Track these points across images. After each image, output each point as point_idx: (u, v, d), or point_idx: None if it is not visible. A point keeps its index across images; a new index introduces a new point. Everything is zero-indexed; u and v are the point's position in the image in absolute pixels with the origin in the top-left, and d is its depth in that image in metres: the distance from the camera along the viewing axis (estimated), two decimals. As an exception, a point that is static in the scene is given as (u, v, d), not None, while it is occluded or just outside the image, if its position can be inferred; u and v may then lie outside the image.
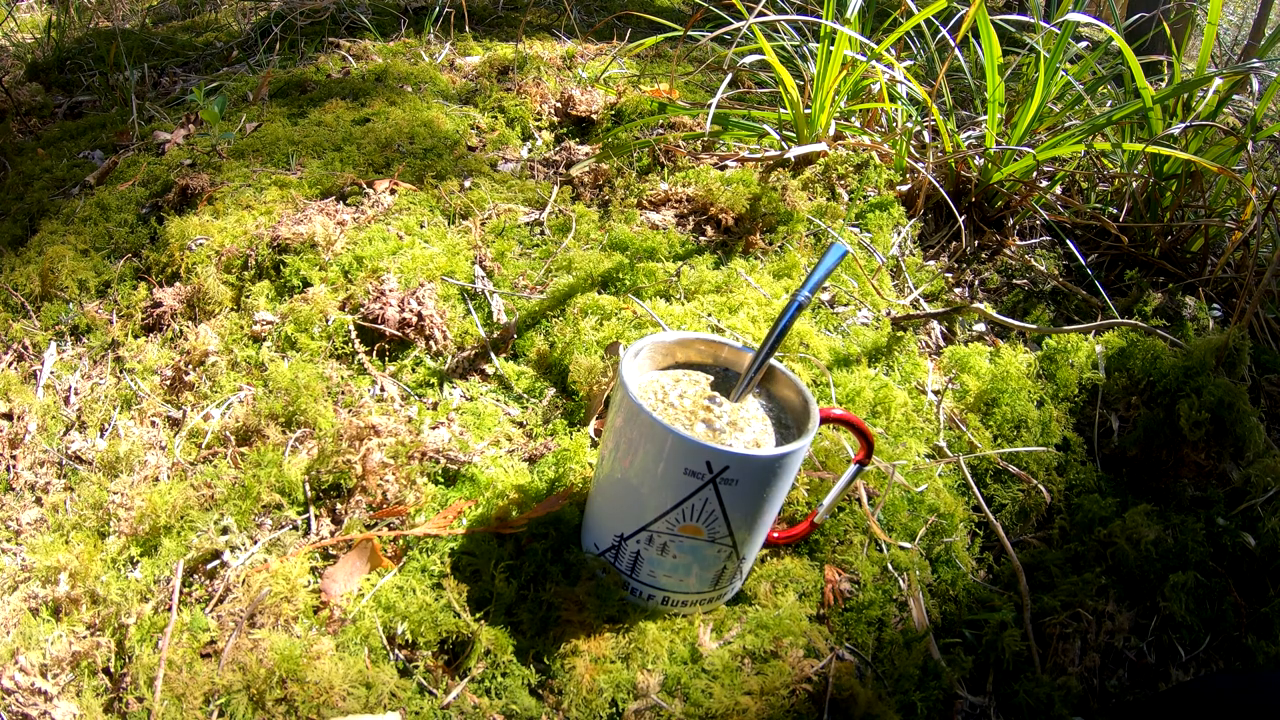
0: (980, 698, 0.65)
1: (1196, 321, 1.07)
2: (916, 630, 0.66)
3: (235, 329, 0.91)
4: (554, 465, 0.73)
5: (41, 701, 0.58)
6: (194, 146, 1.26)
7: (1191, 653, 0.72)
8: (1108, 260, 1.22)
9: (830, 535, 0.71)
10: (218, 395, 0.83)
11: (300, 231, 0.96)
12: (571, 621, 0.61)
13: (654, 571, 0.61)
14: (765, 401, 0.62)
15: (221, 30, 1.98)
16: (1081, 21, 1.20)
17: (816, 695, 0.59)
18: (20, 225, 1.20)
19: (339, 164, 1.16)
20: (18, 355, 0.98)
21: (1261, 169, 1.46)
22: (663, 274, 0.98)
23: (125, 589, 0.65)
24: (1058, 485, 0.82)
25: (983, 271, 1.16)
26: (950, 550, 0.73)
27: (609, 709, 0.57)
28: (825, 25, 1.13)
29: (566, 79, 1.53)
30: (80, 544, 0.71)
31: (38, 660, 0.61)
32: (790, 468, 0.57)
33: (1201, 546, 0.76)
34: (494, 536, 0.66)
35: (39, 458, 0.84)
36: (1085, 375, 0.91)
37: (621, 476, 0.59)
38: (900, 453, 0.79)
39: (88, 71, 1.73)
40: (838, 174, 1.18)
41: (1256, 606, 0.75)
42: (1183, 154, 1.09)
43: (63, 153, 1.39)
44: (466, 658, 0.59)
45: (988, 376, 0.90)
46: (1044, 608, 0.71)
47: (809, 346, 0.90)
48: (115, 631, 0.63)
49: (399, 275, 0.91)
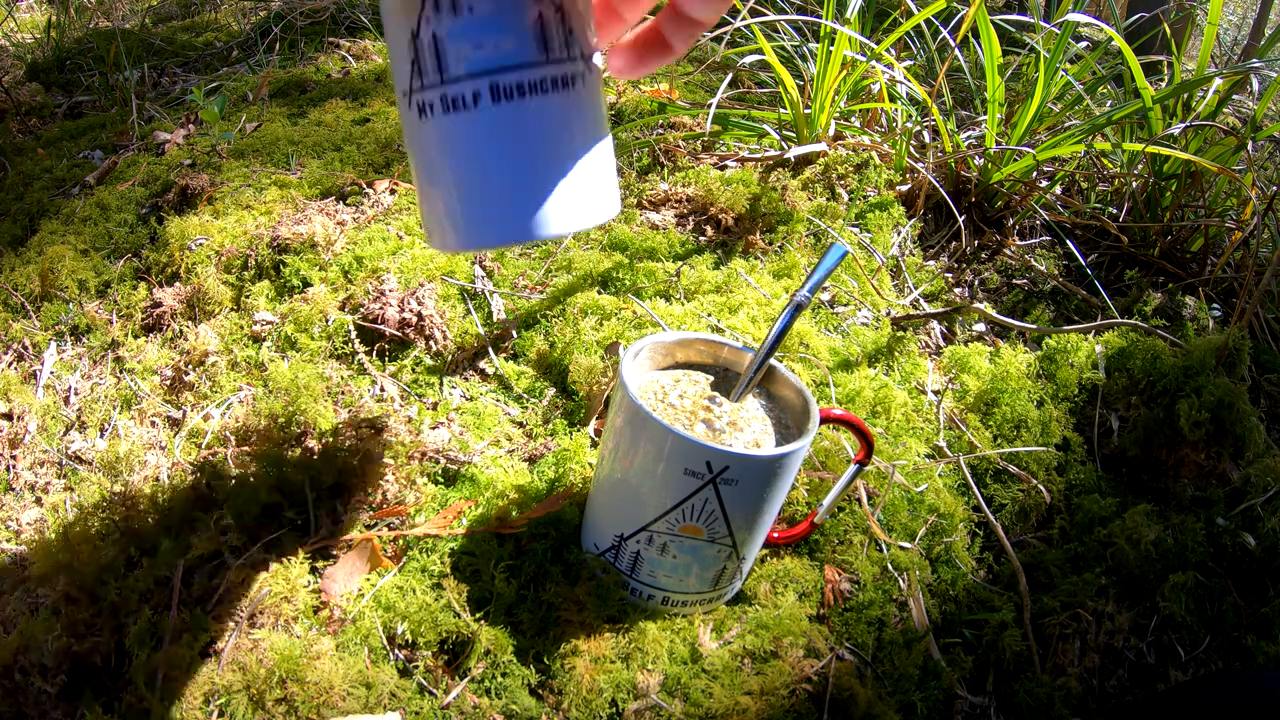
0: (980, 698, 0.65)
1: (1196, 321, 1.07)
2: (916, 630, 0.66)
3: (235, 329, 0.91)
4: (554, 465, 0.73)
5: (42, 701, 0.58)
6: (194, 146, 1.26)
7: (1191, 653, 0.72)
8: (1108, 260, 1.22)
9: (830, 535, 0.71)
10: (218, 395, 0.83)
11: (300, 231, 0.96)
12: (571, 621, 0.61)
13: (654, 571, 0.61)
14: (765, 402, 0.62)
15: (221, 30, 1.98)
16: (1081, 21, 1.20)
17: (816, 695, 0.59)
18: (20, 225, 1.20)
19: (339, 164, 1.16)
20: (18, 355, 0.98)
21: (1261, 169, 1.46)
22: (663, 274, 0.98)
23: (125, 589, 0.65)
24: (1058, 485, 0.82)
25: (983, 271, 1.16)
26: (950, 550, 0.73)
27: (609, 709, 0.57)
28: (825, 25, 1.13)
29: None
30: (80, 544, 0.71)
31: (38, 660, 0.61)
32: (790, 468, 0.57)
33: (1201, 546, 0.76)
34: (494, 536, 0.66)
35: (39, 458, 0.84)
36: (1085, 375, 0.91)
37: (621, 477, 0.59)
38: (900, 453, 0.79)
39: (88, 71, 1.73)
40: (838, 174, 1.18)
41: (1256, 607, 0.75)
42: (1183, 154, 1.09)
43: (63, 153, 1.39)
44: (466, 658, 0.59)
45: (988, 376, 0.90)
46: (1044, 608, 0.71)
47: (809, 346, 0.90)
48: (115, 631, 0.63)
49: (399, 275, 0.91)
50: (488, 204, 0.45)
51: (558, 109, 0.45)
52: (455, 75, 0.43)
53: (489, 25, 0.43)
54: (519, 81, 0.43)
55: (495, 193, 0.44)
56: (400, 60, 0.44)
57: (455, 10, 0.42)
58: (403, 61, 0.44)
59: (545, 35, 0.44)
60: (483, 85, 0.43)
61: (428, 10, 0.43)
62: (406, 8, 0.43)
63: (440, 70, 0.43)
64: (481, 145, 0.44)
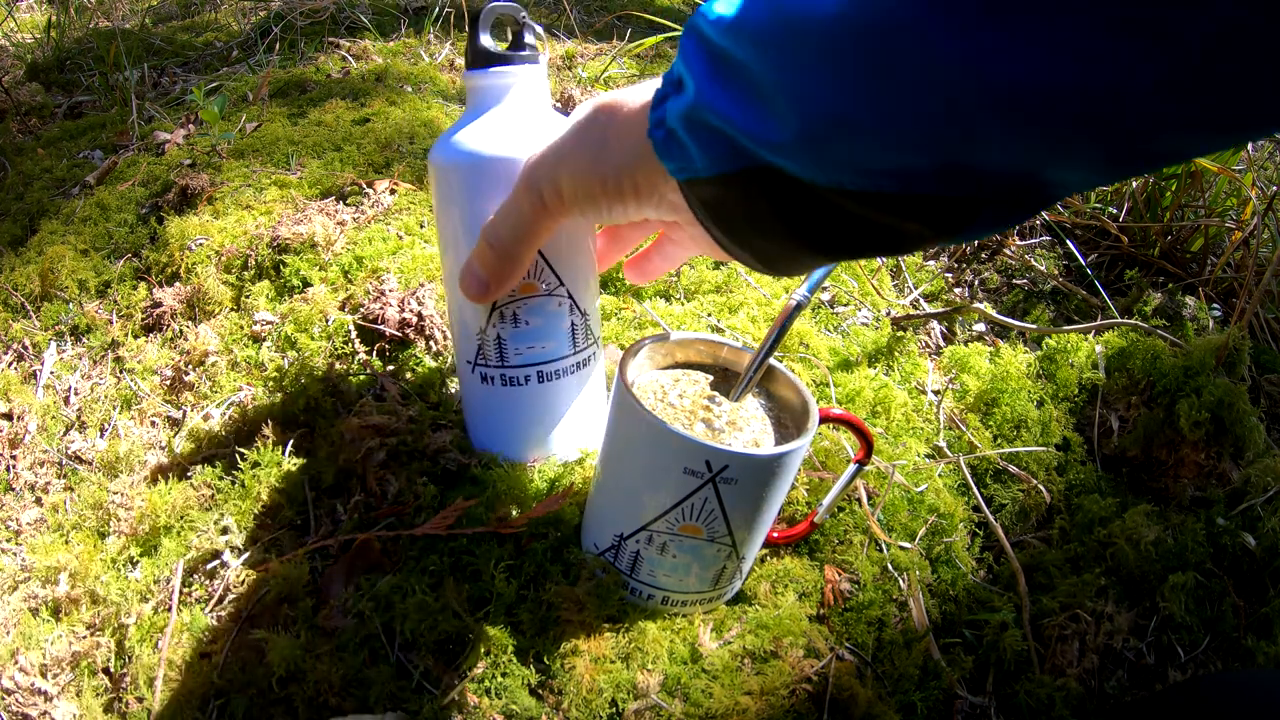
0: (980, 698, 0.65)
1: (1196, 321, 1.07)
2: (916, 630, 0.66)
3: (235, 329, 0.91)
4: (554, 465, 0.73)
5: (41, 701, 0.58)
6: (194, 146, 1.26)
7: (1191, 653, 0.72)
8: (1108, 260, 1.22)
9: (830, 535, 0.71)
10: (218, 395, 0.83)
11: (300, 231, 0.96)
12: (571, 621, 0.61)
13: (654, 571, 0.61)
14: (765, 401, 0.62)
15: (221, 30, 1.98)
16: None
17: (816, 695, 0.59)
18: (20, 225, 1.20)
19: (339, 164, 1.16)
20: (18, 355, 0.98)
21: (1261, 169, 1.46)
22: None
23: (125, 589, 0.65)
24: (1058, 485, 0.82)
25: (982, 271, 1.16)
26: (950, 550, 0.73)
27: (609, 709, 0.57)
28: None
29: (566, 79, 1.53)
30: (80, 544, 0.71)
31: (38, 660, 0.61)
32: (790, 467, 0.57)
33: (1201, 546, 0.76)
34: (494, 536, 0.66)
35: (39, 458, 0.84)
36: (1085, 375, 0.91)
37: (621, 476, 0.59)
38: (900, 453, 0.79)
39: (88, 71, 1.73)
40: (838, 174, 1.18)
41: (1256, 607, 0.75)
42: (1183, 154, 1.09)
43: (63, 153, 1.39)
44: (466, 658, 0.59)
45: (988, 376, 0.90)
46: (1043, 608, 0.71)
47: (809, 346, 0.90)
48: (115, 631, 0.63)
49: (399, 275, 0.91)
50: (529, 441, 0.69)
51: (578, 382, 0.67)
52: (513, 363, 0.64)
53: (539, 334, 0.63)
54: (556, 369, 0.65)
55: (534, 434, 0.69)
56: (467, 340, 0.65)
57: (516, 324, 0.63)
58: (469, 342, 0.65)
59: (574, 336, 0.65)
60: (532, 372, 0.65)
61: (494, 319, 0.62)
62: (476, 316, 0.62)
63: (501, 358, 0.64)
64: (529, 405, 0.67)
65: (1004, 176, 0.32)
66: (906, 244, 0.38)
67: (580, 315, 0.65)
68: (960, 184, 0.32)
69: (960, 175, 0.32)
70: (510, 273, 0.56)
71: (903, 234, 0.36)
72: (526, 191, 0.51)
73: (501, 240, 0.54)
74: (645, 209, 0.47)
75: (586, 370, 0.68)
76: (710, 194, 0.40)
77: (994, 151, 0.30)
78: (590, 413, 0.71)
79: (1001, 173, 0.31)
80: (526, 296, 0.62)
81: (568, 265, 0.62)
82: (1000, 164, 0.31)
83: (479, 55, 0.58)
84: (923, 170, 0.32)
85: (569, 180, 0.48)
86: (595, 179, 0.47)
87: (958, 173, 0.32)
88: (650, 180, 0.45)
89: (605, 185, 0.46)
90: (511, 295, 0.61)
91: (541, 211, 0.51)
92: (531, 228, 0.52)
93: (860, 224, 0.36)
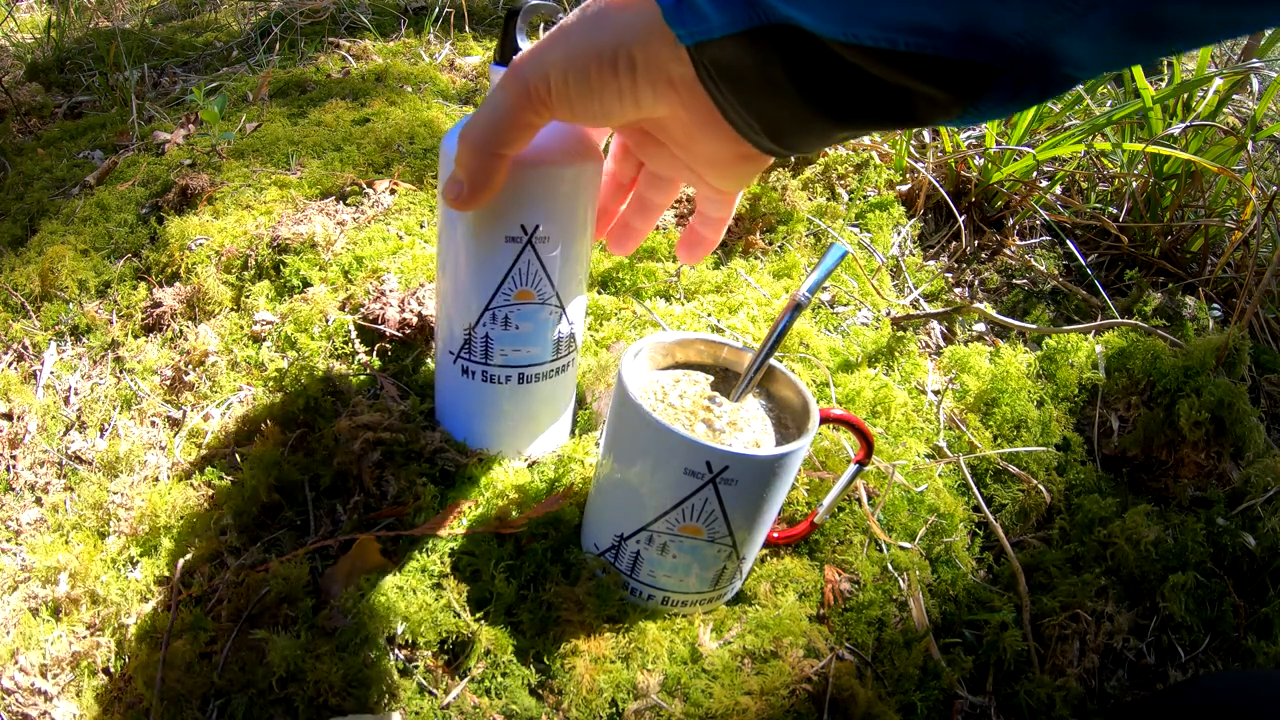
0: (980, 698, 0.65)
1: (1196, 321, 1.07)
2: (916, 630, 0.66)
3: (235, 329, 0.91)
4: (554, 465, 0.73)
5: (41, 701, 0.58)
6: (194, 146, 1.26)
7: (1191, 653, 0.72)
8: (1108, 260, 1.22)
9: (830, 535, 0.71)
10: (218, 395, 0.83)
11: (300, 231, 0.96)
12: (571, 621, 0.61)
13: (654, 571, 0.61)
14: (765, 401, 0.62)
15: (221, 30, 1.98)
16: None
17: (816, 695, 0.59)
18: (20, 225, 1.20)
19: (339, 164, 1.16)
20: (18, 355, 0.98)
21: (1261, 169, 1.46)
22: (662, 274, 0.98)
23: (125, 589, 0.65)
24: (1058, 485, 0.82)
25: (983, 271, 1.16)
26: (950, 550, 0.73)
27: (609, 709, 0.57)
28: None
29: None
30: (80, 544, 0.71)
31: (38, 660, 0.61)
32: (790, 467, 0.57)
33: (1201, 547, 0.76)
34: (494, 536, 0.66)
35: (39, 458, 0.84)
36: (1085, 375, 0.91)
37: (621, 476, 0.59)
38: (900, 453, 0.79)
39: (88, 71, 1.73)
40: (838, 174, 1.18)
41: (1256, 607, 0.75)
42: (1183, 154, 1.09)
43: (63, 153, 1.39)
44: (466, 658, 0.59)
45: (988, 376, 0.90)
46: (1043, 608, 0.71)
47: (809, 346, 0.90)
48: (115, 631, 0.63)
49: (399, 275, 0.91)
50: (500, 435, 0.72)
51: (554, 386, 0.70)
52: (497, 363, 0.66)
53: (526, 339, 0.65)
54: (537, 373, 0.67)
55: (504, 428, 0.71)
56: (453, 333, 0.65)
57: (506, 326, 0.63)
58: (455, 335, 0.65)
59: (559, 344, 0.67)
60: (514, 374, 0.66)
61: (485, 319, 0.63)
62: (467, 313, 0.63)
63: (486, 357, 0.65)
64: (507, 403, 0.69)
65: (1019, 46, 0.32)
66: (919, 113, 0.37)
67: (568, 325, 0.66)
68: (977, 48, 0.33)
69: (977, 39, 0.32)
70: (488, 177, 0.50)
71: (915, 100, 0.36)
72: (511, 81, 0.46)
73: (480, 137, 0.48)
74: (642, 93, 0.43)
75: (564, 376, 0.70)
76: (722, 54, 0.39)
77: (1014, 7, 0.31)
78: (561, 414, 0.74)
79: (1018, 38, 0.32)
80: (521, 303, 0.63)
81: (565, 278, 0.63)
82: (1018, 24, 0.31)
83: (512, 52, 0.57)
84: (940, 28, 0.32)
85: (561, 60, 0.43)
86: (591, 53, 0.42)
87: (975, 36, 0.32)
88: (653, 54, 0.41)
89: (601, 60, 0.42)
90: (506, 299, 0.62)
91: (524, 103, 0.46)
92: (512, 120, 0.47)
93: (874, 86, 0.36)
